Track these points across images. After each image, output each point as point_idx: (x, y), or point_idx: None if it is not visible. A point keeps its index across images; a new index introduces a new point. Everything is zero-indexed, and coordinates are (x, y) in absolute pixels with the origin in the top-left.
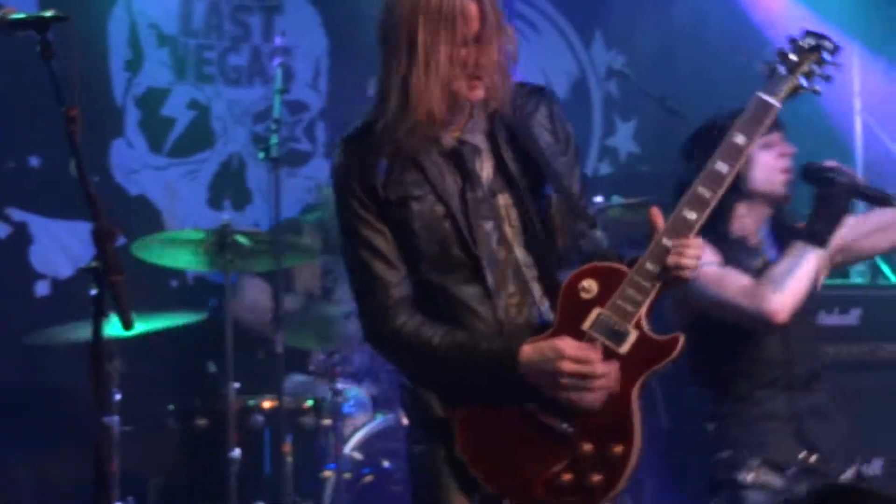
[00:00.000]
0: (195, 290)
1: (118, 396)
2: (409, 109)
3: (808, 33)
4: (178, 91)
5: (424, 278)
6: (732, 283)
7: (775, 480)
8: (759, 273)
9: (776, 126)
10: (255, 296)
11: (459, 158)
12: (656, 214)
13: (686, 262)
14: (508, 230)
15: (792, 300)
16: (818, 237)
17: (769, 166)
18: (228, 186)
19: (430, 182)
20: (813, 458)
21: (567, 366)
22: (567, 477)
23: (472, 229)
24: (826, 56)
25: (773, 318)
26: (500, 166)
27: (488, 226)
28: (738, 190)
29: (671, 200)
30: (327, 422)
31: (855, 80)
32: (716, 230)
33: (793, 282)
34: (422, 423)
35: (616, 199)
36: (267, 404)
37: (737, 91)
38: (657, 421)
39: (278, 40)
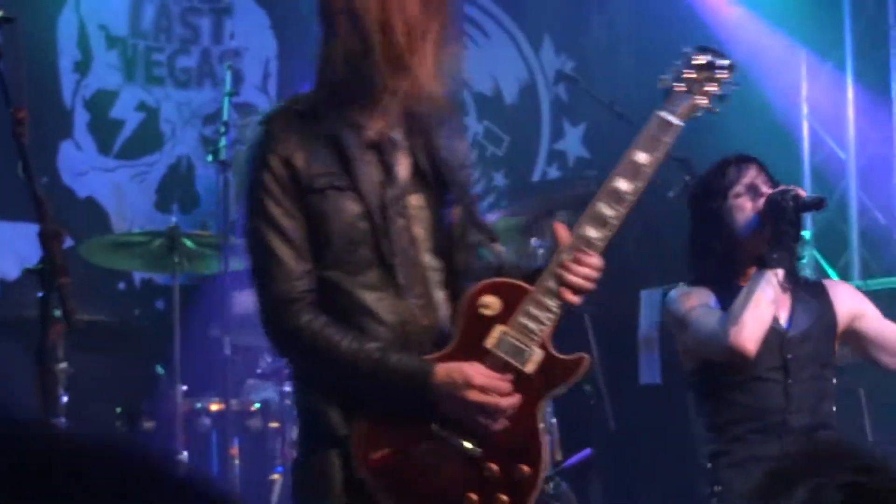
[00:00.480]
0: (143, 293)
1: (65, 398)
2: (350, 77)
3: (701, 49)
4: (127, 93)
5: (326, 275)
6: (706, 322)
7: None
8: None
9: (748, 164)
10: None
11: (381, 152)
12: (560, 229)
13: (574, 280)
14: (418, 232)
15: (753, 329)
16: (765, 260)
17: (746, 213)
18: (177, 189)
19: (352, 174)
20: None
21: (474, 396)
22: (474, 498)
23: (387, 229)
24: (719, 74)
25: (740, 352)
26: (415, 166)
27: (400, 224)
28: (734, 244)
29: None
30: (275, 424)
31: (802, 85)
32: (719, 283)
33: (749, 311)
34: (318, 435)
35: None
36: (214, 407)
37: None
38: (605, 425)
39: (228, 42)
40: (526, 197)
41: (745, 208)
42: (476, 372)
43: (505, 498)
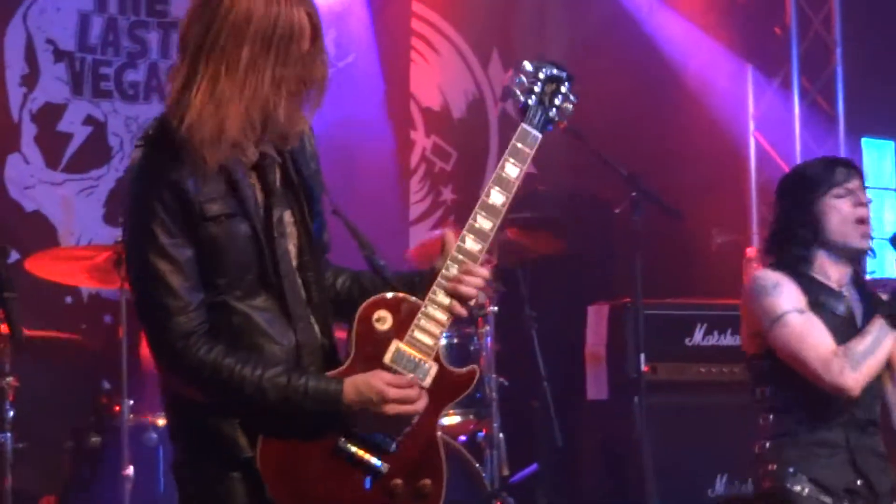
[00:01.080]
0: (90, 307)
1: (11, 413)
2: (211, 122)
3: (543, 62)
4: (75, 106)
5: (219, 300)
6: (814, 345)
7: (826, 499)
8: (844, 322)
9: (855, 173)
10: (146, 349)
11: (262, 172)
12: (448, 241)
13: (466, 290)
14: (292, 249)
15: (867, 378)
16: (888, 313)
17: (843, 215)
18: None
19: (239, 199)
20: (867, 488)
21: (391, 409)
22: None
23: (274, 251)
24: (563, 87)
25: (847, 394)
26: (286, 181)
27: (282, 245)
28: (818, 239)
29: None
30: None
31: (749, 103)
32: (798, 271)
33: (871, 361)
34: (219, 460)
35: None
36: (161, 422)
37: (632, 109)
38: (552, 439)
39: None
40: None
41: (842, 210)
42: (385, 384)
43: None
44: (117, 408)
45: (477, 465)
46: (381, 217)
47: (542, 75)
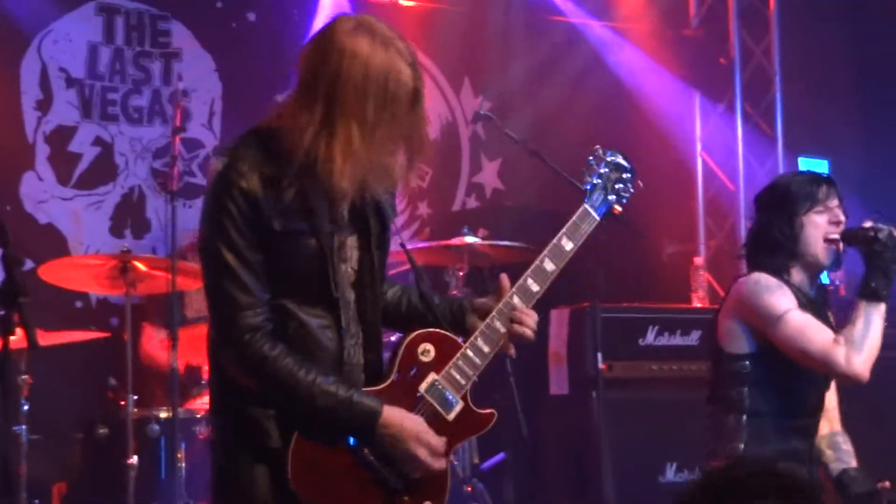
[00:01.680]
0: (98, 311)
1: (26, 407)
2: (348, 172)
3: (612, 151)
4: (85, 129)
5: (279, 302)
6: (816, 337)
7: None
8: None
9: (835, 192)
10: (149, 350)
11: (332, 199)
12: (504, 287)
13: (527, 331)
14: (351, 272)
15: (871, 359)
16: (877, 294)
17: (819, 231)
18: (129, 216)
19: (312, 218)
20: None
21: (420, 451)
22: None
23: (335, 271)
24: (626, 176)
25: (860, 380)
26: (355, 209)
27: (343, 267)
28: (794, 253)
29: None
30: None
31: (697, 126)
32: (783, 279)
33: (869, 342)
34: (249, 444)
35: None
36: (163, 414)
37: (590, 130)
38: (518, 431)
39: (177, 83)
40: (447, 226)
41: (819, 226)
42: (423, 429)
43: None
44: (123, 402)
45: None
46: None
47: (609, 162)
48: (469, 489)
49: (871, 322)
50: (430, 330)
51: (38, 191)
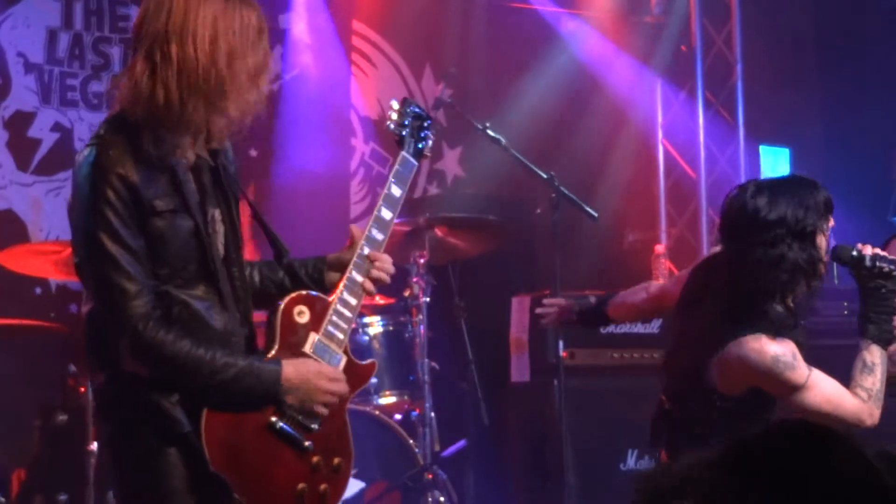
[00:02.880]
0: (57, 298)
1: None
2: (177, 109)
3: (409, 102)
4: (44, 114)
5: (162, 289)
6: (846, 403)
7: None
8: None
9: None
10: None
11: (198, 173)
12: (355, 237)
13: (383, 275)
14: (220, 246)
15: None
16: (886, 338)
17: (824, 247)
18: None
19: (182, 196)
20: None
21: (326, 384)
22: (302, 487)
23: (211, 246)
24: (426, 125)
25: (873, 426)
26: (216, 182)
27: (215, 241)
28: (812, 273)
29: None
30: None
31: (658, 113)
32: (766, 315)
33: (883, 391)
34: (157, 432)
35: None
36: None
37: (552, 117)
38: (479, 419)
39: None
40: (408, 211)
41: (823, 245)
42: (318, 366)
43: (324, 486)
44: (83, 389)
45: (411, 441)
46: (324, 215)
47: (409, 112)
48: (430, 477)
49: (883, 370)
50: (301, 293)
51: None
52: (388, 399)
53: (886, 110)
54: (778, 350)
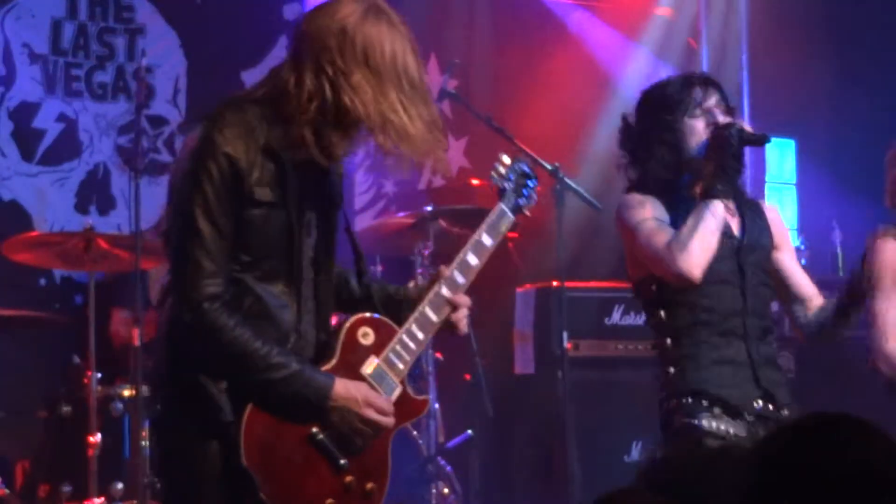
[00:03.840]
0: (62, 288)
1: None
2: (341, 129)
3: (518, 159)
4: (49, 105)
5: (238, 276)
6: (655, 240)
7: (733, 427)
8: (721, 237)
9: (713, 89)
10: (116, 328)
11: (306, 172)
12: (442, 274)
13: (462, 319)
14: (309, 249)
15: (699, 257)
16: (711, 190)
17: (699, 136)
18: (94, 193)
19: (285, 191)
20: (770, 406)
21: (370, 413)
22: (330, 503)
23: (301, 246)
24: (531, 184)
25: (688, 278)
26: (319, 185)
27: (307, 242)
28: (682, 160)
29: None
30: None
31: None
32: (670, 195)
33: (697, 240)
34: (201, 419)
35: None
36: (126, 393)
37: (556, 107)
38: (484, 410)
39: (141, 60)
40: (413, 203)
41: (697, 130)
42: (371, 393)
43: None
44: (86, 380)
45: (415, 432)
46: None
47: (516, 168)
48: (434, 468)
49: (700, 219)
50: (370, 315)
51: (1, 167)
52: None
53: (893, 101)
54: (627, 196)
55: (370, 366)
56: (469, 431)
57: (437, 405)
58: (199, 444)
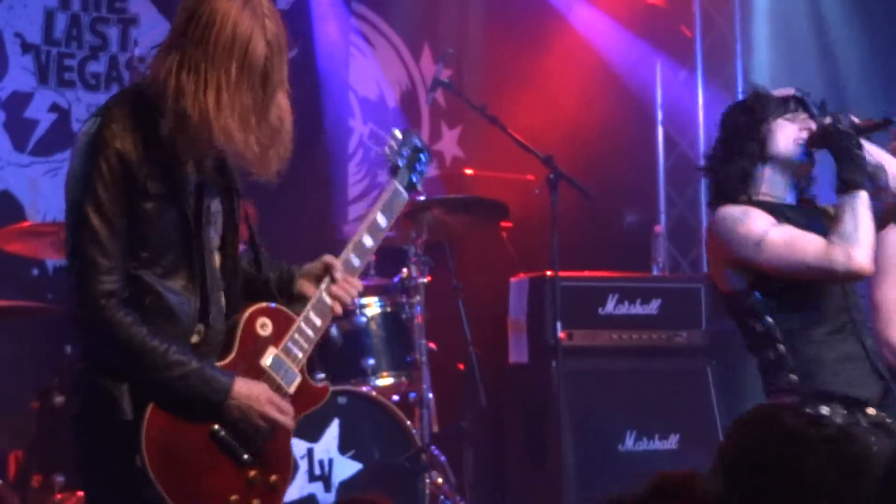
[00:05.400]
0: (55, 279)
1: None
2: (215, 126)
3: (410, 133)
4: (41, 95)
5: (137, 273)
6: (808, 246)
7: (864, 418)
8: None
9: (804, 108)
10: None
11: (202, 162)
12: (332, 267)
13: (344, 296)
14: (215, 237)
15: (870, 250)
16: (852, 183)
17: (788, 134)
18: None
19: (178, 182)
20: (887, 393)
21: (272, 412)
22: (234, 499)
23: (200, 238)
24: (424, 159)
25: (863, 273)
26: (221, 172)
27: (211, 231)
28: (763, 156)
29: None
30: None
31: (658, 92)
32: (748, 195)
33: (862, 233)
34: (104, 419)
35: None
36: None
37: (551, 96)
38: (477, 400)
39: (134, 50)
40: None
41: (788, 129)
42: (271, 393)
43: (257, 502)
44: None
45: (408, 422)
46: (324, 196)
47: (409, 143)
48: (427, 458)
49: (856, 212)
50: (267, 304)
51: None
52: (385, 380)
53: (886, 86)
54: (726, 210)
55: (269, 356)
56: (463, 421)
57: (430, 395)
58: (107, 446)
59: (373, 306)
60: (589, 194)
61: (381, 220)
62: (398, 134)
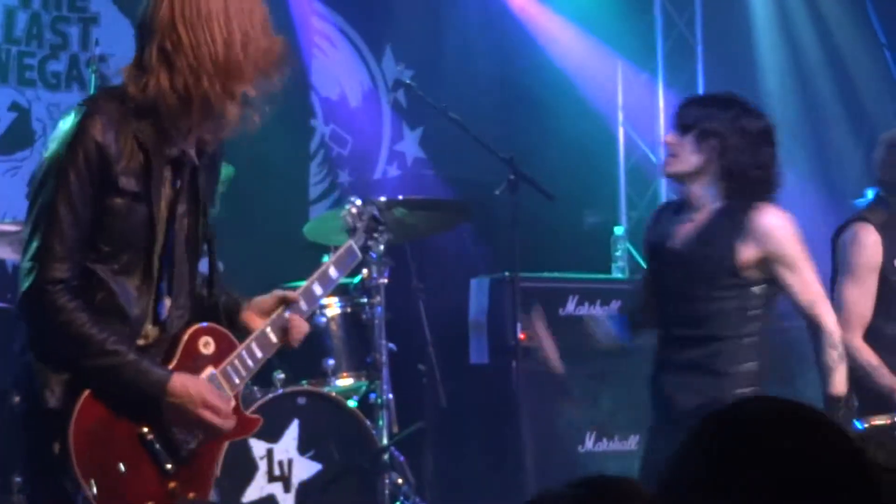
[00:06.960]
0: (14, 279)
1: None
2: (170, 103)
3: (371, 203)
4: (1, 94)
5: (93, 266)
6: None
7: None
8: None
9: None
10: None
11: (177, 169)
12: (290, 298)
13: (293, 343)
14: (183, 240)
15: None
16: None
17: None
18: None
19: (150, 184)
20: None
21: (206, 413)
22: None
23: (167, 241)
24: (381, 229)
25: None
26: (193, 184)
27: (179, 235)
28: None
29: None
30: None
31: (619, 94)
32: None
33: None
34: (37, 406)
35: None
36: None
37: (511, 98)
38: (437, 401)
39: (94, 49)
40: (368, 193)
41: None
42: (209, 390)
43: None
44: None
45: (368, 423)
46: (284, 196)
47: (367, 212)
48: (387, 458)
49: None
50: (212, 325)
51: None
52: (345, 381)
53: (848, 90)
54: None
55: (205, 375)
56: (422, 422)
57: (390, 395)
58: (31, 433)
59: (333, 307)
60: (549, 195)
61: (334, 272)
62: (358, 202)
